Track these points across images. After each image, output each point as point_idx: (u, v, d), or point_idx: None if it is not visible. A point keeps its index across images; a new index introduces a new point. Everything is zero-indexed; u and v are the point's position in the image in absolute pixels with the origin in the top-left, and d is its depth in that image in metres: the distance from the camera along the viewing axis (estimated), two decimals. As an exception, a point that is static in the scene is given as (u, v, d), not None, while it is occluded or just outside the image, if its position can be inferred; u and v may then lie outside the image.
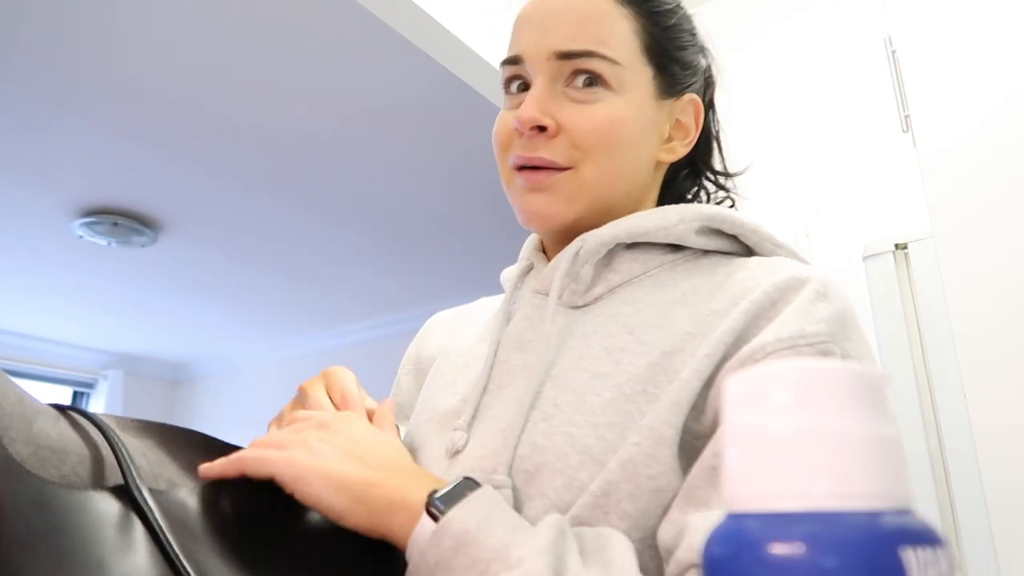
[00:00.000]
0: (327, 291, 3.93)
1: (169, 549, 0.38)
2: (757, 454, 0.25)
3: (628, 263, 0.62)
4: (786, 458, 0.24)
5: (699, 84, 0.68)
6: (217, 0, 1.95)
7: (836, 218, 1.77)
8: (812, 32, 1.92)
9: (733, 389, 0.27)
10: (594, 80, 0.61)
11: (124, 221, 3.07)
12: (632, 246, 0.63)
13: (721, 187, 0.73)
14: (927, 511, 1.41)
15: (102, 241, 3.21)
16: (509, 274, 0.71)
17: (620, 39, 0.62)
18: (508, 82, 0.65)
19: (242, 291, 3.93)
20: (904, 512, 0.24)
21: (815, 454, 0.24)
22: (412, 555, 0.45)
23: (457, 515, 0.44)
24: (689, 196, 0.73)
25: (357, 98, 2.36)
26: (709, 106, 0.72)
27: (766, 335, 0.51)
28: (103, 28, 2.04)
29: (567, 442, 0.52)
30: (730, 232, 0.63)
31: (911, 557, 0.22)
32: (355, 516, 0.46)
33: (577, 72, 0.61)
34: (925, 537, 0.23)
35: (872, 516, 0.23)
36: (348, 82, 2.29)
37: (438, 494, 0.46)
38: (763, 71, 1.96)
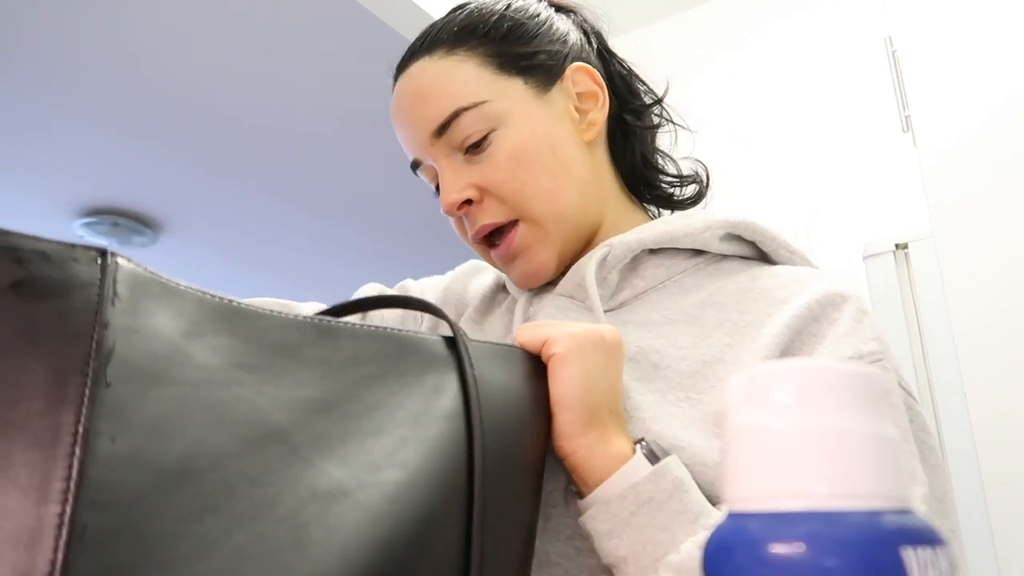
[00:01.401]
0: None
1: (476, 411, 0.43)
2: (758, 454, 0.25)
3: (653, 268, 0.63)
4: (786, 458, 0.24)
5: (574, 50, 0.66)
6: (217, 0, 1.95)
7: (836, 218, 1.77)
8: (812, 32, 1.92)
9: (735, 389, 0.27)
10: (476, 138, 0.61)
11: (124, 221, 3.07)
12: (656, 251, 0.63)
13: (659, 118, 0.71)
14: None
15: (102, 241, 3.21)
16: None
17: (471, 81, 0.61)
18: (433, 185, 0.66)
19: (242, 291, 3.91)
20: (904, 512, 0.24)
21: (815, 454, 0.24)
22: (615, 486, 0.47)
23: (672, 463, 0.47)
24: (640, 157, 0.71)
25: (357, 98, 2.36)
26: (601, 56, 0.70)
27: (822, 353, 0.53)
28: (103, 28, 2.04)
29: None
30: (750, 239, 0.64)
31: (911, 557, 0.22)
32: (577, 421, 0.48)
33: (460, 139, 0.61)
34: (925, 537, 0.23)
35: (872, 516, 0.23)
36: (348, 82, 2.29)
37: (645, 441, 0.49)
38: (763, 71, 1.96)
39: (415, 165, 0.66)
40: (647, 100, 0.71)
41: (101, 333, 0.28)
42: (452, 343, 0.45)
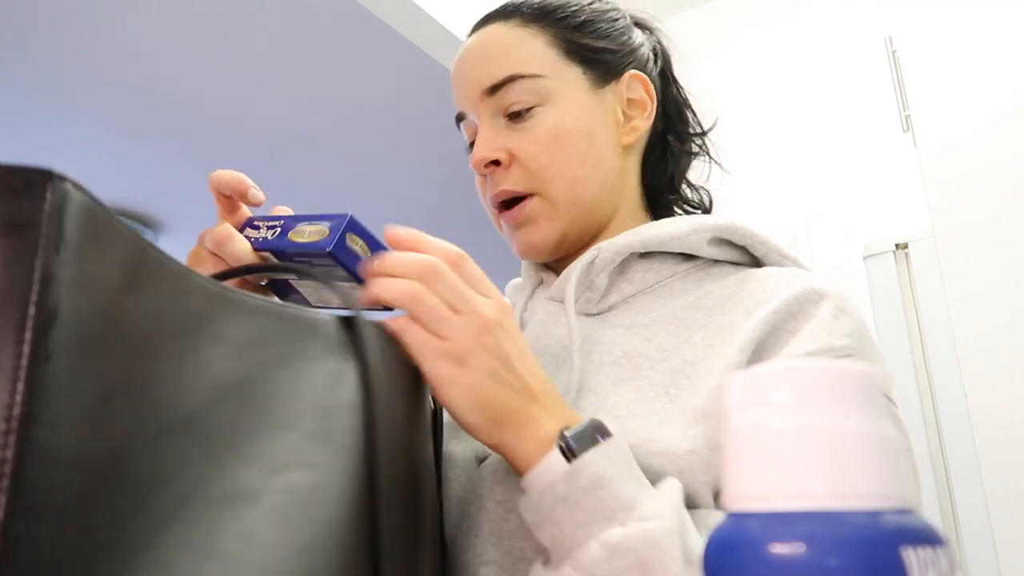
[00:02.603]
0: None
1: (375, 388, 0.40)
2: (758, 454, 0.25)
3: (642, 272, 0.64)
4: (786, 458, 0.24)
5: (638, 60, 0.69)
6: (218, 1, 1.96)
7: (836, 218, 1.77)
8: (812, 32, 1.92)
9: (734, 389, 0.27)
10: (522, 107, 0.63)
11: (124, 221, 3.07)
12: (645, 255, 0.64)
13: (699, 148, 0.74)
14: (928, 511, 1.41)
15: (102, 241, 3.21)
16: (517, 286, 0.72)
17: (536, 55, 0.64)
18: (467, 142, 0.68)
19: (242, 291, 3.93)
20: (904, 512, 0.24)
21: (815, 454, 0.24)
22: (536, 482, 0.46)
23: (592, 459, 0.45)
24: (669, 177, 0.73)
25: (357, 97, 2.36)
26: (663, 76, 0.73)
27: (794, 348, 0.53)
28: (104, 28, 2.04)
29: None
30: (740, 243, 0.65)
31: (911, 556, 0.22)
32: (482, 430, 0.47)
33: (508, 104, 0.63)
34: (926, 536, 0.23)
35: (872, 516, 0.23)
36: (348, 81, 2.29)
37: (570, 432, 0.47)
38: (764, 71, 1.96)
39: (460, 118, 0.68)
40: (693, 129, 0.74)
41: (43, 291, 0.22)
42: (349, 324, 0.43)
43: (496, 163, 0.63)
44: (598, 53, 0.66)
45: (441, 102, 2.45)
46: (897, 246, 1.57)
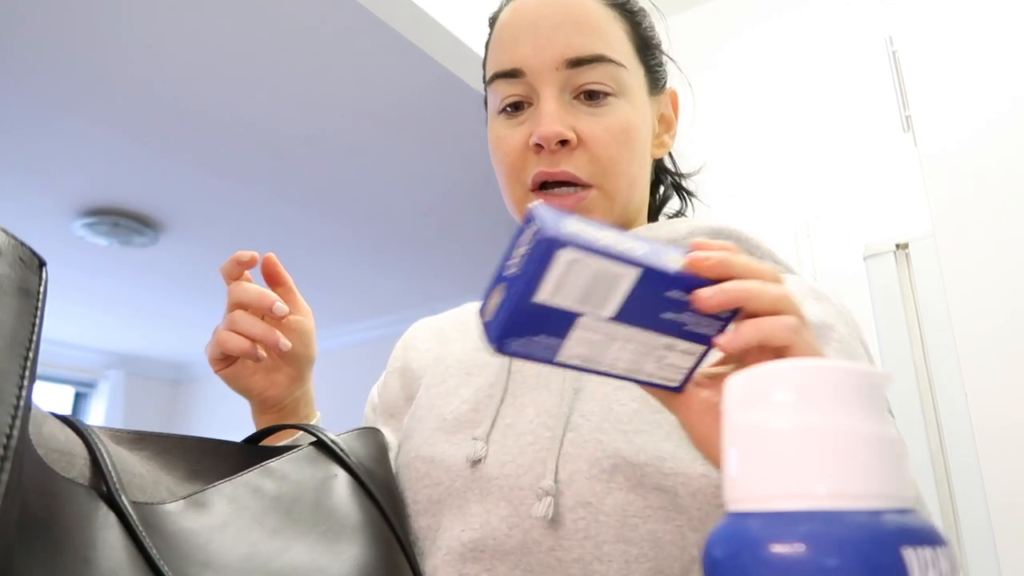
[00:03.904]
0: (327, 291, 3.93)
1: (152, 554, 0.39)
2: (758, 454, 0.25)
3: None
4: (787, 458, 0.24)
5: (667, 78, 0.69)
6: (218, 0, 1.95)
7: (836, 218, 1.76)
8: (812, 32, 1.92)
9: (734, 388, 0.27)
10: (602, 89, 0.59)
11: (124, 221, 3.07)
12: None
13: (680, 189, 0.74)
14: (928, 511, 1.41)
15: (103, 241, 3.21)
16: None
17: (620, 42, 0.61)
18: (503, 100, 0.62)
19: (242, 291, 3.93)
20: (905, 512, 0.24)
21: (816, 454, 0.24)
22: None
23: None
24: (660, 197, 0.74)
25: (358, 98, 2.36)
26: None
27: None
28: (103, 28, 2.04)
29: (599, 448, 0.52)
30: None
31: (912, 557, 0.22)
32: None
33: (587, 82, 0.59)
34: (926, 537, 0.23)
35: (873, 516, 0.23)
36: (349, 82, 2.29)
37: None
38: (764, 71, 1.96)
39: (511, 73, 0.60)
40: (677, 170, 0.76)
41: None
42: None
43: (564, 143, 0.59)
44: (656, 60, 0.65)
45: (446, 106, 2.46)
46: (897, 246, 1.56)
